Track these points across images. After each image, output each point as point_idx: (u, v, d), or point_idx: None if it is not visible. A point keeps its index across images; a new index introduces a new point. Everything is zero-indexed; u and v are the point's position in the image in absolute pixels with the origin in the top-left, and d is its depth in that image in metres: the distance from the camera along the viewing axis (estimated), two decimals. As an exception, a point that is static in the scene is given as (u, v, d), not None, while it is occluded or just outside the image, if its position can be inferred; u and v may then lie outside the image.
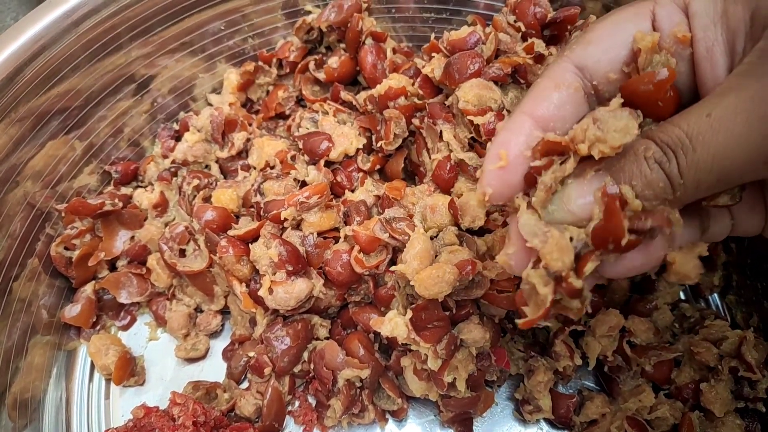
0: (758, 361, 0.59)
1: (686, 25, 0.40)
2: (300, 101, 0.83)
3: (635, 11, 0.42)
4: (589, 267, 0.37)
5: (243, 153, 0.78)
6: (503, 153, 0.40)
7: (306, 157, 0.72)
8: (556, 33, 0.68)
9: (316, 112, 0.75)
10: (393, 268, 0.59)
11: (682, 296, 0.73)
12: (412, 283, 0.56)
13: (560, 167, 0.39)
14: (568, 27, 0.67)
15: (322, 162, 0.69)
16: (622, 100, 0.38)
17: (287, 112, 0.81)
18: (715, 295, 0.73)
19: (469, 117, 0.60)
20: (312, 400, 0.68)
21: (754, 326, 0.66)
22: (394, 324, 0.56)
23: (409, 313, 0.55)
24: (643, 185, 0.36)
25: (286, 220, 0.64)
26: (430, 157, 0.67)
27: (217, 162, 0.78)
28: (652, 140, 0.36)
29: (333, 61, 0.77)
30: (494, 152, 0.41)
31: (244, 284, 0.65)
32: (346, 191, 0.69)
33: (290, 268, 0.61)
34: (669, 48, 0.41)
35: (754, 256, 0.68)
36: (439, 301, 0.56)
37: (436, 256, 0.59)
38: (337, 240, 0.65)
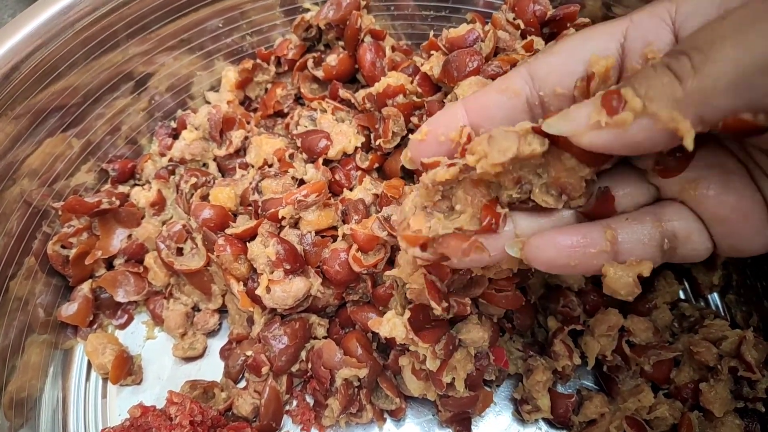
0: (758, 360, 0.59)
1: (665, 44, 0.39)
2: (298, 99, 0.82)
3: (607, 30, 0.41)
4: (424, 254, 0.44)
5: (241, 151, 0.77)
6: (425, 130, 0.45)
7: (304, 156, 0.71)
8: (555, 31, 0.68)
9: (315, 110, 0.75)
10: (388, 273, 0.59)
11: (682, 295, 0.72)
12: (407, 286, 0.56)
13: (443, 172, 0.41)
14: (568, 24, 0.67)
15: (320, 160, 0.69)
16: (530, 125, 0.39)
17: (285, 110, 0.81)
18: (715, 294, 0.73)
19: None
20: (310, 400, 0.67)
21: (753, 326, 0.66)
22: (393, 324, 0.56)
23: (407, 313, 0.55)
24: (646, 86, 0.33)
25: (284, 218, 0.63)
26: (428, 156, 0.67)
27: (214, 160, 0.78)
28: (665, 53, 0.35)
29: (332, 59, 0.77)
30: (423, 126, 0.45)
31: (241, 283, 0.65)
32: (345, 190, 0.69)
33: (288, 267, 0.61)
34: (636, 68, 0.40)
35: (755, 256, 0.67)
36: None
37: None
38: (335, 239, 0.65)
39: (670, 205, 0.44)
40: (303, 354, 0.66)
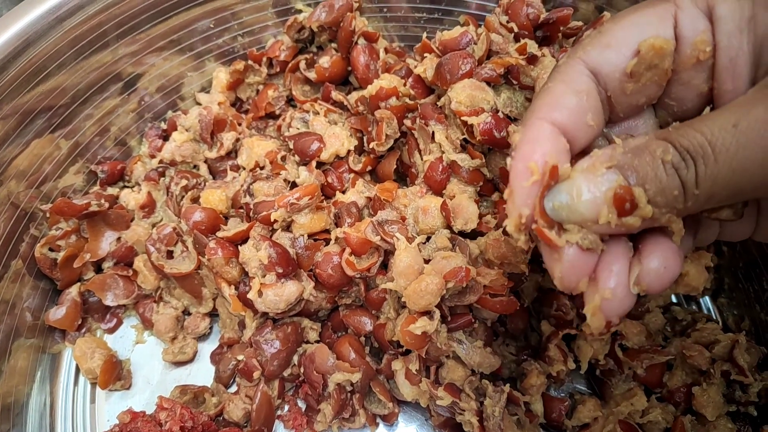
0: (750, 364, 0.59)
1: (710, 33, 0.37)
2: (290, 101, 0.82)
3: (658, 14, 0.38)
4: None
5: (232, 153, 0.77)
6: (533, 166, 0.36)
7: (296, 158, 0.71)
8: (548, 34, 0.68)
9: (307, 112, 0.75)
10: (383, 286, 0.59)
11: (674, 299, 0.72)
12: (403, 299, 0.55)
13: None
14: (561, 28, 0.67)
15: (313, 163, 0.69)
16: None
17: (277, 112, 0.80)
18: (707, 298, 0.73)
19: (463, 117, 0.60)
20: (302, 405, 0.67)
21: (745, 330, 0.66)
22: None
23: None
24: (656, 191, 0.33)
25: (276, 221, 0.63)
26: (422, 159, 0.67)
27: (205, 162, 0.77)
28: (672, 143, 0.33)
29: (324, 61, 0.76)
30: (521, 166, 0.37)
31: (233, 286, 0.64)
32: (337, 192, 0.68)
33: (280, 271, 0.60)
34: (689, 59, 0.38)
35: (746, 260, 0.68)
36: (432, 311, 0.56)
37: (429, 261, 0.59)
38: (327, 242, 0.64)
39: None
40: (295, 358, 0.65)
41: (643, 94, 0.40)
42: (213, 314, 0.72)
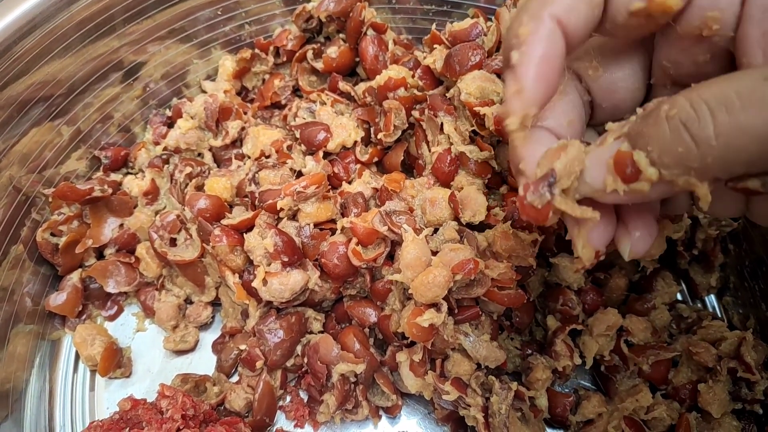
0: (757, 362, 0.59)
1: (738, 8, 0.35)
2: (296, 91, 0.81)
3: None
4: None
5: (237, 142, 0.76)
6: (532, 62, 0.34)
7: (303, 147, 0.70)
8: (559, 27, 0.67)
9: (314, 102, 0.74)
10: (390, 277, 0.59)
11: (679, 297, 0.72)
12: (410, 291, 0.55)
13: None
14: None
15: (320, 153, 0.68)
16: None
17: (283, 102, 0.80)
18: (712, 296, 0.73)
19: (476, 108, 0.59)
20: (304, 396, 0.66)
21: (751, 328, 0.66)
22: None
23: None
24: (660, 150, 0.31)
25: (282, 210, 0.62)
26: (429, 150, 0.66)
27: (210, 150, 0.76)
28: (687, 98, 0.30)
29: (332, 51, 0.76)
30: (533, 68, 0.34)
31: (237, 275, 0.64)
32: (343, 183, 0.68)
33: (286, 259, 0.59)
34: (693, 30, 0.37)
35: (752, 258, 0.67)
36: (439, 303, 0.55)
37: (436, 253, 0.58)
38: (333, 232, 0.64)
39: None
40: (298, 349, 0.64)
41: (636, 33, 0.39)
42: (215, 303, 0.72)
